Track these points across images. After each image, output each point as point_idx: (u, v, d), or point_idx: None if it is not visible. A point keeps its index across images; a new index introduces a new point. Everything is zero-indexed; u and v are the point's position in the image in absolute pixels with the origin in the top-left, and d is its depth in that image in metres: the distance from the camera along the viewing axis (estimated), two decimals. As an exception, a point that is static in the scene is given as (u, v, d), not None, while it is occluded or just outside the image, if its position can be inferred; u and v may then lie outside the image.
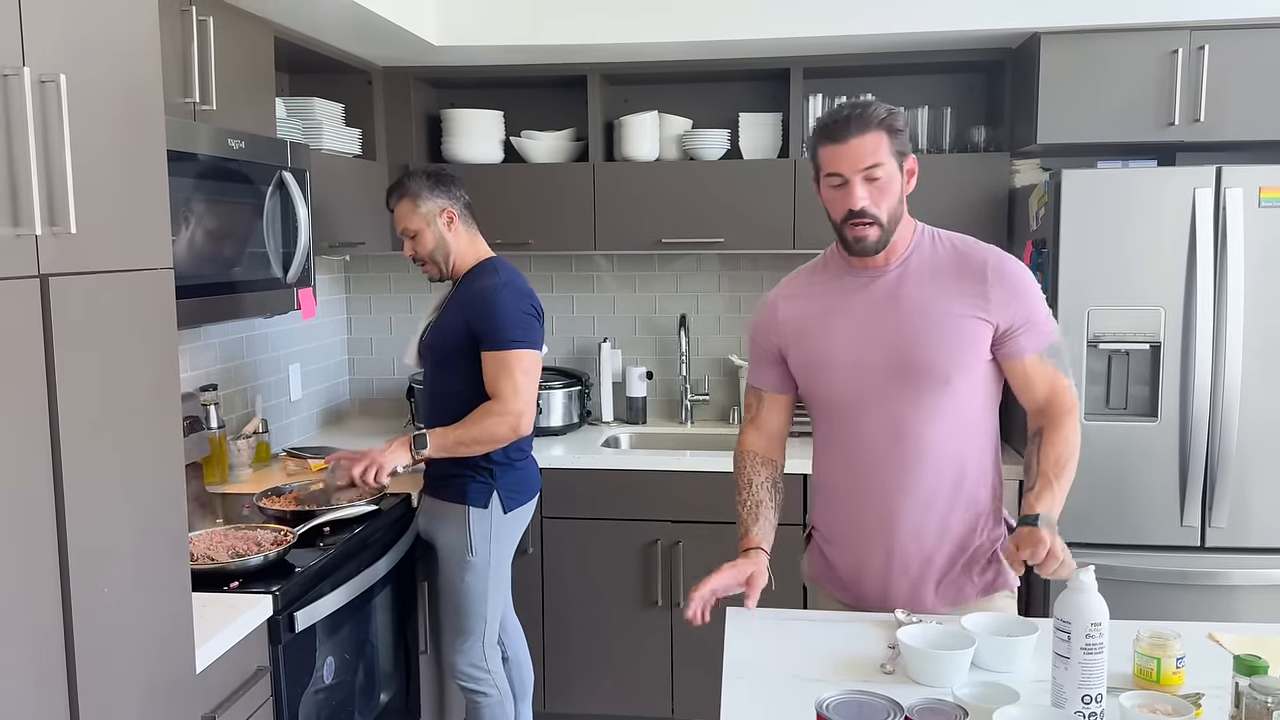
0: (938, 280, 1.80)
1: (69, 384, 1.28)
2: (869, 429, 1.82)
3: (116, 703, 1.38)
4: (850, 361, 1.82)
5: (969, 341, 1.78)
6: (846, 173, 1.73)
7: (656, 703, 3.16)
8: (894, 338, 1.79)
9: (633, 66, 3.27)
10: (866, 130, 1.72)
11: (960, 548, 1.84)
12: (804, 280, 1.94)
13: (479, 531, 2.51)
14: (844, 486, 1.89)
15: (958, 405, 1.80)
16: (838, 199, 1.77)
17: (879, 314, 1.81)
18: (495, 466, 2.52)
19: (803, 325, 1.88)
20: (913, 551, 1.83)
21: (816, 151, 1.79)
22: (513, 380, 2.42)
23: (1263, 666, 1.38)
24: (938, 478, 1.81)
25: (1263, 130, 2.84)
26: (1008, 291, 1.78)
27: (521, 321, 2.47)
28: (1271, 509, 2.73)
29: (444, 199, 2.56)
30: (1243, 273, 2.65)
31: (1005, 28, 2.86)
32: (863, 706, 1.25)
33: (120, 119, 1.38)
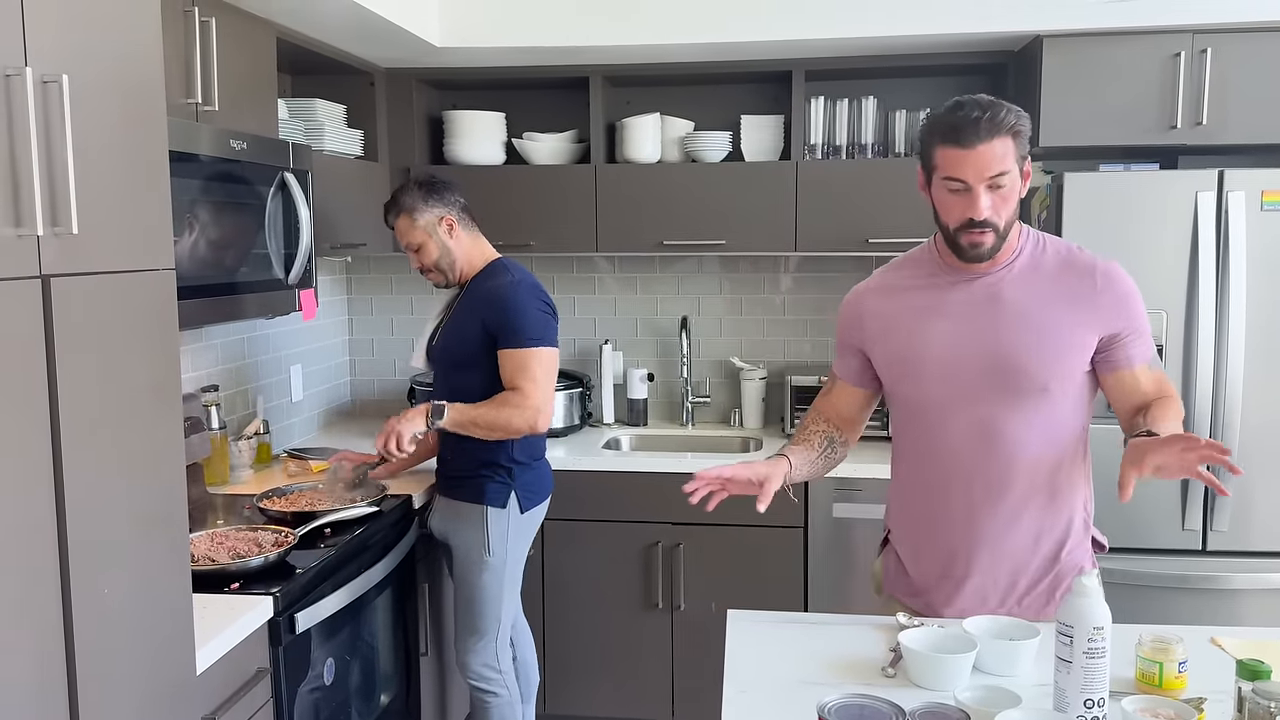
0: (1042, 283, 1.73)
1: (70, 384, 1.28)
2: (958, 433, 1.76)
3: (117, 703, 1.38)
4: (944, 360, 1.75)
5: (1071, 349, 1.72)
6: (971, 180, 1.65)
7: (657, 705, 3.16)
8: (992, 340, 1.72)
9: (634, 68, 3.27)
10: (995, 136, 1.63)
11: (1047, 563, 1.79)
12: (896, 275, 1.87)
13: (496, 531, 2.53)
14: (926, 492, 1.82)
15: (1054, 414, 1.74)
16: (956, 204, 1.68)
17: (979, 314, 1.74)
18: (514, 466, 2.55)
19: (893, 321, 1.82)
20: (997, 565, 1.77)
21: (933, 150, 1.69)
22: (532, 376, 2.44)
23: (1265, 671, 1.38)
24: (1028, 488, 1.75)
25: (1265, 133, 2.83)
26: (1117, 297, 1.73)
27: (538, 319, 2.49)
28: (1273, 512, 2.73)
29: (440, 207, 2.56)
30: (1245, 276, 2.65)
31: (1007, 30, 2.86)
32: (864, 710, 1.24)
33: (122, 119, 1.38)
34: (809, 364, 3.58)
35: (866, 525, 2.98)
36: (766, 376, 3.54)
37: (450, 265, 2.60)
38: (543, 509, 2.68)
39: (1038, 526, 1.77)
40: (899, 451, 1.91)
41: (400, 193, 2.58)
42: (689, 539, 3.08)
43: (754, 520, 3.03)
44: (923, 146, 1.74)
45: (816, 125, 3.30)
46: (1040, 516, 1.77)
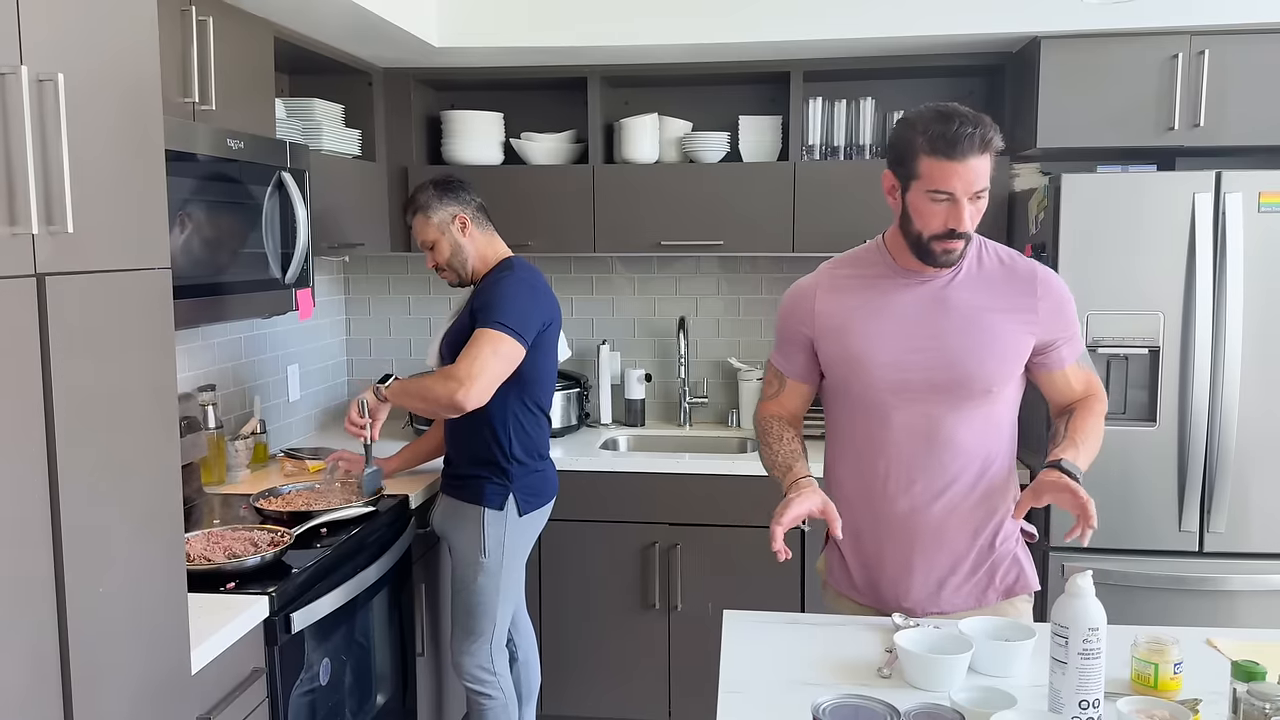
0: (987, 290, 1.80)
1: (65, 383, 1.28)
2: (900, 431, 1.81)
3: (111, 703, 1.38)
4: (890, 361, 1.80)
5: (1013, 353, 1.80)
6: (959, 193, 1.69)
7: (653, 706, 3.16)
8: (939, 344, 1.78)
9: (633, 69, 3.27)
10: (985, 151, 1.69)
11: (984, 553, 1.85)
12: (846, 273, 1.90)
13: (493, 534, 2.52)
14: (866, 486, 1.86)
15: (991, 411, 1.81)
16: (937, 214, 1.71)
17: (926, 319, 1.79)
18: (513, 467, 2.54)
19: (842, 319, 1.85)
20: (936, 554, 1.83)
21: (917, 159, 1.71)
22: (476, 352, 2.38)
23: (1260, 673, 1.38)
24: (967, 484, 1.82)
25: (1262, 135, 2.84)
26: (1055, 305, 1.81)
27: (518, 310, 2.44)
28: (1270, 514, 2.73)
29: (454, 205, 2.59)
30: (1242, 277, 2.65)
31: (1005, 32, 2.86)
32: (859, 711, 1.24)
33: (118, 118, 1.38)
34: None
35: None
36: (764, 377, 3.53)
37: (463, 264, 2.61)
38: (545, 513, 2.66)
39: (975, 519, 1.84)
40: (838, 446, 1.94)
41: (417, 192, 2.62)
42: (686, 539, 3.08)
43: (750, 521, 3.05)
44: (901, 153, 1.75)
45: (814, 126, 3.30)
46: (976, 509, 1.83)
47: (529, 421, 2.58)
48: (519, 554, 2.60)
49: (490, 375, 2.38)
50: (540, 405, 2.61)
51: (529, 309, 2.48)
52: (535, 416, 2.60)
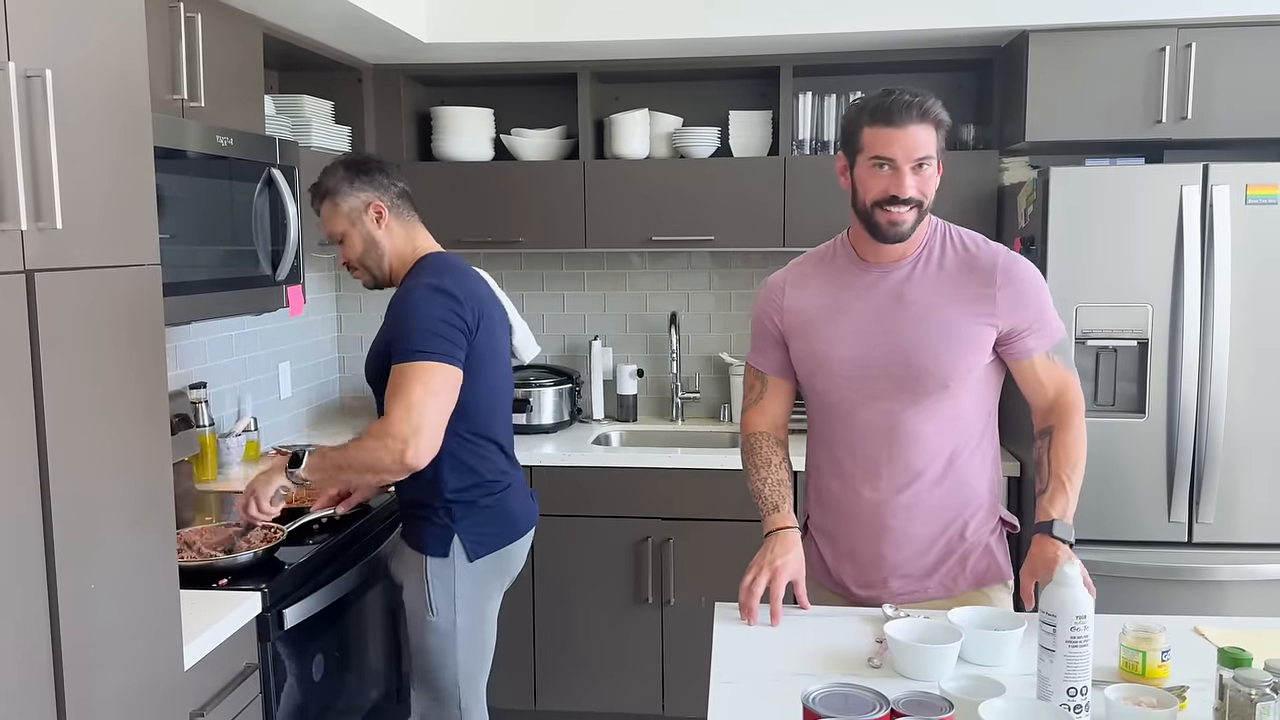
0: (944, 282, 1.80)
1: (55, 380, 1.28)
2: (865, 426, 1.83)
3: (104, 699, 1.38)
4: (850, 359, 1.82)
5: (971, 347, 1.79)
6: (899, 159, 1.71)
7: (647, 699, 3.17)
8: (895, 340, 1.79)
9: (623, 64, 3.28)
10: (924, 120, 1.71)
11: (952, 541, 1.86)
12: (811, 269, 1.93)
13: (439, 586, 2.13)
14: (836, 480, 1.90)
15: (954, 405, 1.82)
16: (878, 181, 1.73)
17: (883, 315, 1.81)
18: (453, 505, 2.13)
19: (807, 316, 1.87)
20: (904, 545, 1.85)
21: (860, 131, 1.74)
22: (406, 399, 1.96)
23: (1246, 659, 1.39)
24: (929, 474, 1.83)
25: (1249, 128, 2.85)
26: (1016, 293, 1.79)
27: (434, 329, 2.01)
28: (1258, 504, 2.75)
29: (369, 191, 2.16)
30: (1229, 269, 2.67)
31: (994, 26, 2.87)
32: (848, 699, 1.25)
33: (106, 115, 1.38)
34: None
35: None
36: (756, 372, 3.54)
37: (377, 262, 2.19)
38: (512, 552, 2.24)
39: (944, 511, 1.85)
40: (813, 440, 1.96)
41: (325, 174, 2.19)
42: (679, 534, 3.09)
43: (744, 515, 3.04)
44: (847, 131, 1.79)
45: (804, 120, 3.31)
46: (944, 501, 1.84)
47: (467, 452, 2.14)
48: (478, 605, 2.17)
49: (434, 420, 1.98)
50: (482, 432, 2.16)
51: (448, 321, 2.03)
52: (476, 445, 2.15)
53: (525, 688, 3.20)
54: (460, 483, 2.13)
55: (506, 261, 3.67)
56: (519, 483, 2.28)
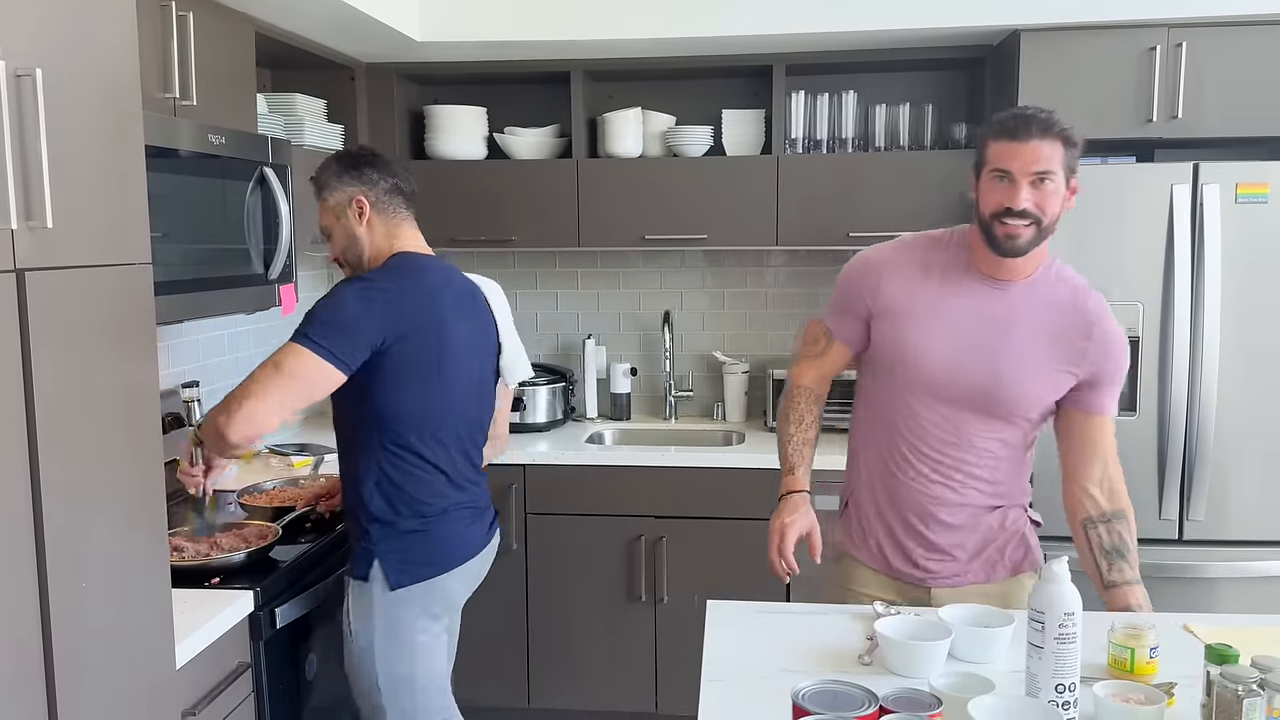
0: (1047, 320, 1.83)
1: (46, 379, 1.28)
2: (927, 425, 1.88)
3: (95, 698, 1.38)
4: (938, 364, 1.84)
5: (1053, 390, 1.86)
6: (1016, 172, 1.73)
7: (640, 697, 3.17)
8: (987, 361, 1.83)
9: (616, 63, 3.28)
10: (1046, 135, 1.72)
11: (993, 531, 1.92)
12: (920, 259, 1.90)
13: (358, 610, 2.01)
14: (888, 464, 1.93)
15: (1016, 428, 1.89)
16: (996, 193, 1.76)
17: (982, 331, 1.83)
18: (374, 526, 1.98)
19: (905, 308, 1.87)
20: (949, 533, 1.91)
21: (986, 145, 1.78)
22: (258, 373, 1.85)
23: (1233, 655, 1.40)
24: (982, 480, 1.89)
25: (1239, 126, 2.86)
26: (1104, 353, 1.84)
27: (337, 321, 1.88)
28: (1248, 502, 2.76)
29: (355, 185, 2.06)
30: (1219, 268, 2.68)
31: (986, 25, 2.88)
32: (838, 696, 1.26)
33: (98, 113, 1.38)
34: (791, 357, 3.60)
35: (848, 517, 3.00)
36: (749, 370, 3.55)
37: (357, 258, 2.10)
38: (439, 589, 2.01)
39: (988, 504, 1.91)
40: (867, 417, 1.98)
41: (320, 167, 2.14)
42: (672, 532, 3.09)
43: (736, 513, 3.06)
44: (977, 147, 1.82)
45: (797, 119, 3.31)
46: (990, 496, 1.91)
47: (394, 468, 1.97)
48: (401, 639, 1.99)
49: (264, 398, 1.82)
50: (411, 448, 1.98)
51: (355, 322, 1.89)
52: (403, 461, 1.98)
53: (518, 686, 3.20)
54: (384, 502, 1.98)
55: (500, 260, 3.67)
56: (467, 509, 2.07)
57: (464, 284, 2.14)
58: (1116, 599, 1.83)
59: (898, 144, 3.33)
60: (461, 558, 2.04)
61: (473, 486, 2.11)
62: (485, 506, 2.16)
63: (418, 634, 2.01)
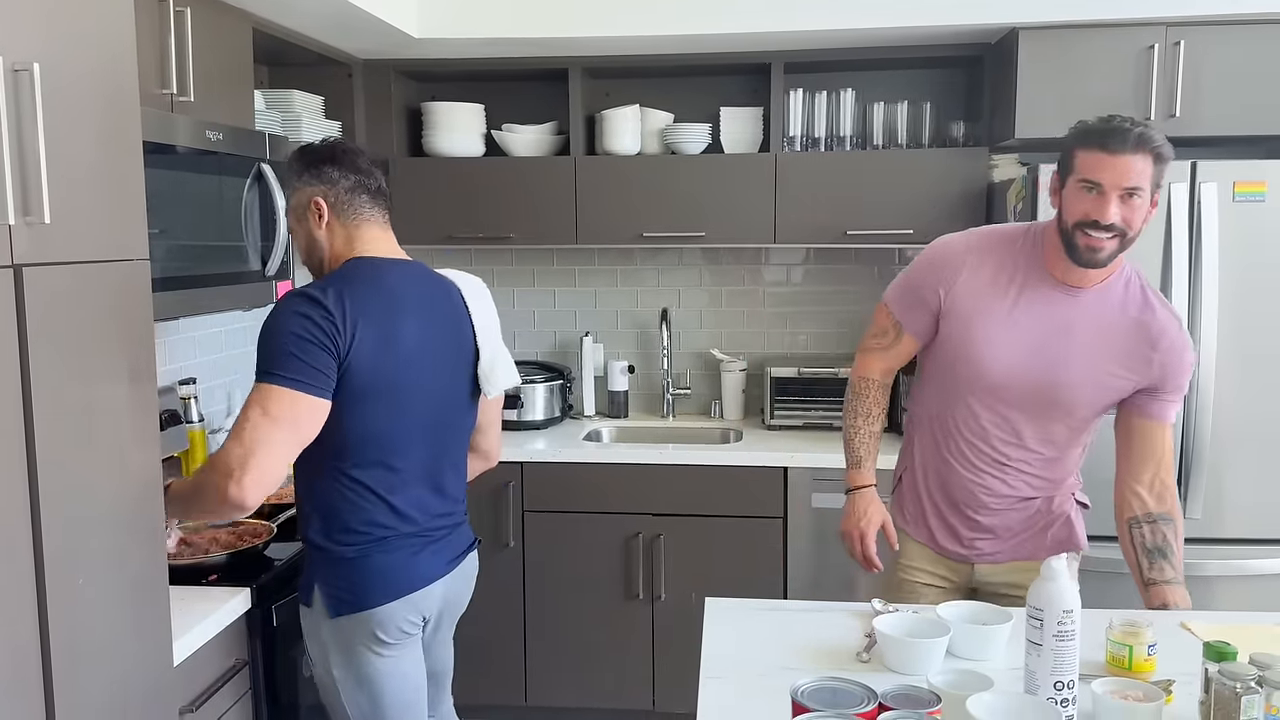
0: (1115, 330, 1.86)
1: (43, 375, 1.27)
2: (986, 422, 1.93)
3: (92, 695, 1.38)
4: (1004, 367, 1.88)
5: (1113, 396, 1.91)
6: (1106, 185, 1.73)
7: (638, 695, 3.17)
8: (1052, 370, 1.86)
9: (614, 60, 3.27)
10: (1140, 150, 1.72)
11: (1040, 514, 2.00)
12: (995, 260, 1.91)
13: (310, 636, 1.88)
14: (942, 452, 1.99)
15: (1074, 428, 1.94)
16: (1082, 204, 1.76)
17: (1049, 339, 1.86)
18: (313, 551, 1.84)
19: (975, 306, 1.89)
20: (999, 514, 1.98)
21: (1075, 153, 1.78)
22: (241, 422, 1.68)
23: (1231, 653, 1.40)
24: (1034, 475, 1.96)
25: (1237, 125, 2.87)
26: (1172, 365, 1.87)
27: (287, 346, 1.70)
28: (1246, 500, 2.76)
29: (314, 185, 1.88)
30: (1217, 267, 2.68)
31: (984, 23, 2.88)
32: (837, 693, 1.26)
33: (95, 109, 1.38)
34: (788, 355, 3.60)
35: (845, 515, 3.00)
36: (746, 368, 3.55)
37: (317, 264, 1.92)
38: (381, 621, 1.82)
39: (1038, 490, 1.99)
40: (924, 405, 2.04)
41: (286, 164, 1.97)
42: (670, 530, 3.09)
43: (734, 511, 3.06)
44: (1065, 150, 1.82)
45: (795, 117, 3.31)
46: (1040, 483, 1.98)
47: (335, 495, 1.81)
48: (354, 667, 1.84)
49: (269, 451, 1.67)
50: (352, 475, 1.80)
51: (306, 338, 1.70)
52: (345, 489, 1.81)
53: (516, 683, 3.20)
54: (320, 527, 1.83)
55: (497, 258, 3.67)
56: (415, 538, 1.86)
57: (431, 288, 1.92)
58: (1154, 596, 1.86)
59: (896, 142, 3.33)
60: (405, 588, 1.83)
61: (424, 515, 1.88)
62: (445, 535, 1.93)
63: (368, 665, 1.84)
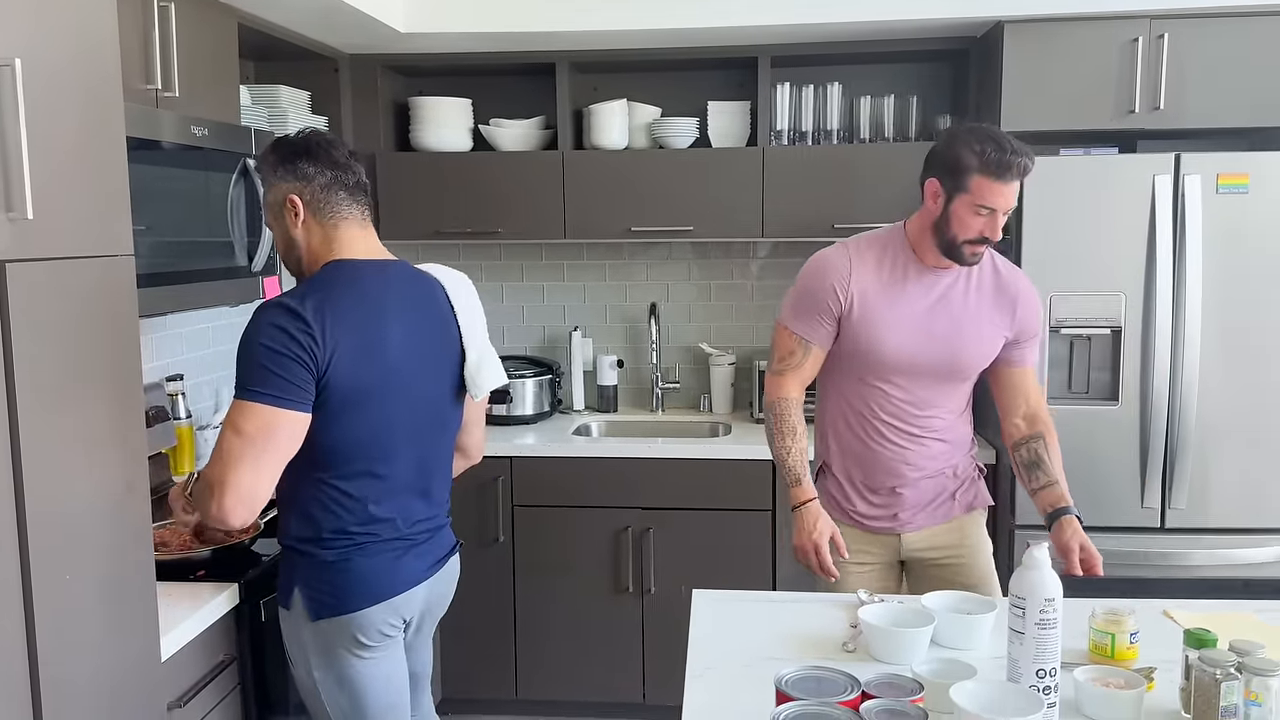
0: (983, 296, 2.10)
1: (27, 371, 1.27)
2: (896, 400, 2.10)
3: (80, 690, 1.38)
4: (902, 347, 2.06)
5: (993, 350, 2.14)
6: (1000, 209, 1.97)
7: (628, 688, 3.18)
8: (942, 340, 2.07)
9: (601, 54, 3.27)
10: (1025, 175, 1.97)
11: (948, 479, 2.17)
12: (874, 259, 2.11)
13: (290, 638, 1.84)
14: (860, 435, 2.15)
15: (965, 389, 2.17)
16: (976, 224, 1.98)
17: (934, 314, 2.08)
18: (292, 553, 1.80)
19: (874, 301, 2.08)
20: (915, 484, 2.14)
21: (970, 176, 1.96)
22: (217, 444, 1.65)
23: (1211, 640, 1.42)
24: (939, 435, 2.14)
25: (1220, 117, 2.88)
26: (1028, 313, 2.14)
27: (261, 360, 1.65)
28: (1229, 490, 2.79)
29: (289, 182, 1.79)
30: (1200, 258, 2.70)
31: (970, 16, 2.89)
32: (821, 682, 1.27)
33: (78, 104, 1.37)
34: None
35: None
36: (735, 362, 3.56)
37: (296, 264, 1.84)
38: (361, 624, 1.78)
39: (944, 457, 2.16)
40: (835, 397, 2.19)
41: (259, 159, 1.89)
42: (659, 523, 3.10)
43: (722, 504, 3.08)
44: (954, 167, 1.99)
45: (783, 111, 3.32)
46: (946, 450, 2.17)
47: (316, 501, 1.77)
48: (334, 670, 1.80)
49: (244, 469, 1.62)
50: (333, 483, 1.76)
51: (282, 351, 1.65)
52: (326, 495, 1.77)
53: (506, 677, 3.21)
54: (301, 530, 1.79)
55: (486, 253, 3.67)
56: (399, 542, 1.83)
57: (415, 289, 1.87)
58: (1041, 501, 2.10)
59: (882, 135, 3.34)
60: (386, 593, 1.80)
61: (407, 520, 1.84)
62: (427, 539, 1.89)
63: (350, 662, 1.81)
